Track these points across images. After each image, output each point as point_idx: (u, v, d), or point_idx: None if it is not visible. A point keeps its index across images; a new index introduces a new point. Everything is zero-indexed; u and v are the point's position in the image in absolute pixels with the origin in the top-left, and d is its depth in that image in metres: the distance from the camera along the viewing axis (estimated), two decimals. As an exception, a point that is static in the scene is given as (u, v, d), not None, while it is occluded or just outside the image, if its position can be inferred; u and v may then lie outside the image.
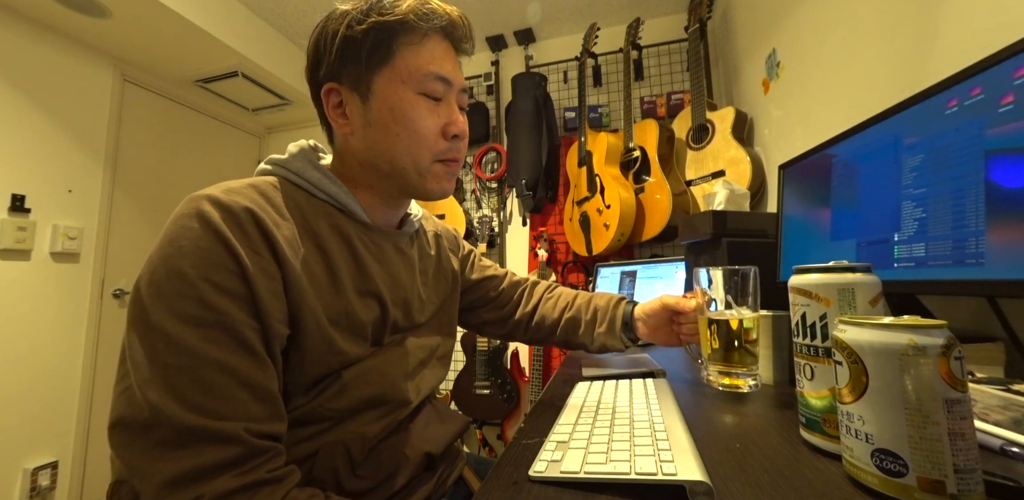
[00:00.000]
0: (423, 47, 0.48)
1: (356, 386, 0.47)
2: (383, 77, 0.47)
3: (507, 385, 1.78)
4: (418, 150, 0.48)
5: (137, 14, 1.51)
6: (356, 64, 0.47)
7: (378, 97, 0.47)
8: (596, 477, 0.31)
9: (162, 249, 0.39)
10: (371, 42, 0.46)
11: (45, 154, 1.55)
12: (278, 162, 0.50)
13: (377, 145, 0.49)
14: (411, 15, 0.46)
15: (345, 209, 0.51)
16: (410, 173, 0.49)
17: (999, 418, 0.35)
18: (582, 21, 1.95)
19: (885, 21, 0.78)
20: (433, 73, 0.48)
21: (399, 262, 0.56)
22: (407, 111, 0.47)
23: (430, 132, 0.48)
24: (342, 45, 0.47)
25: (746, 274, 0.51)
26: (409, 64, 0.47)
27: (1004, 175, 0.40)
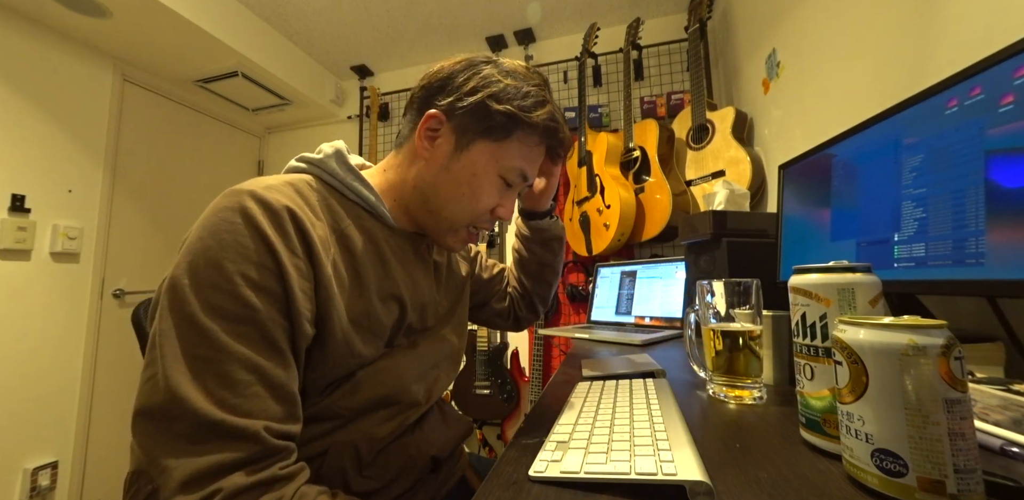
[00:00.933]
0: (530, 149, 0.53)
1: (368, 386, 0.48)
2: (486, 146, 0.51)
3: (507, 385, 1.78)
4: (465, 214, 0.53)
5: (137, 14, 1.51)
6: (474, 122, 0.50)
7: (470, 157, 0.51)
8: (596, 477, 0.31)
9: (203, 240, 0.39)
10: (499, 123, 0.50)
11: (45, 154, 1.55)
12: (313, 161, 0.52)
13: (441, 188, 0.52)
14: (540, 126, 0.51)
15: (374, 212, 0.53)
16: (443, 225, 0.54)
17: (999, 418, 0.35)
18: (582, 21, 1.95)
19: (885, 21, 0.78)
20: (521, 169, 0.53)
21: (419, 266, 0.58)
22: (483, 184, 0.52)
23: (485, 208, 0.54)
24: (475, 106, 0.50)
25: (748, 286, 0.52)
26: (510, 153, 0.52)
27: (1004, 175, 0.40)
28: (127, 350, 1.77)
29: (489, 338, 1.85)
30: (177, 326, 0.37)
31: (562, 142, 0.55)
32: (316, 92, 2.23)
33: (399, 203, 0.55)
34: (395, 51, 2.19)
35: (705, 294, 0.54)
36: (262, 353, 0.38)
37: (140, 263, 1.87)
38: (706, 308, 0.54)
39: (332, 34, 2.03)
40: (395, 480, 0.49)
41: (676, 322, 1.09)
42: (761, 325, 0.51)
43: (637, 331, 1.07)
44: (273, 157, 2.56)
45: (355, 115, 2.37)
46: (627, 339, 0.95)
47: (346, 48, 2.15)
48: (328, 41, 2.09)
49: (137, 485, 0.35)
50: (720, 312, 0.52)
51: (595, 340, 1.02)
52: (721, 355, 0.52)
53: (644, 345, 0.91)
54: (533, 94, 0.51)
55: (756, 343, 0.50)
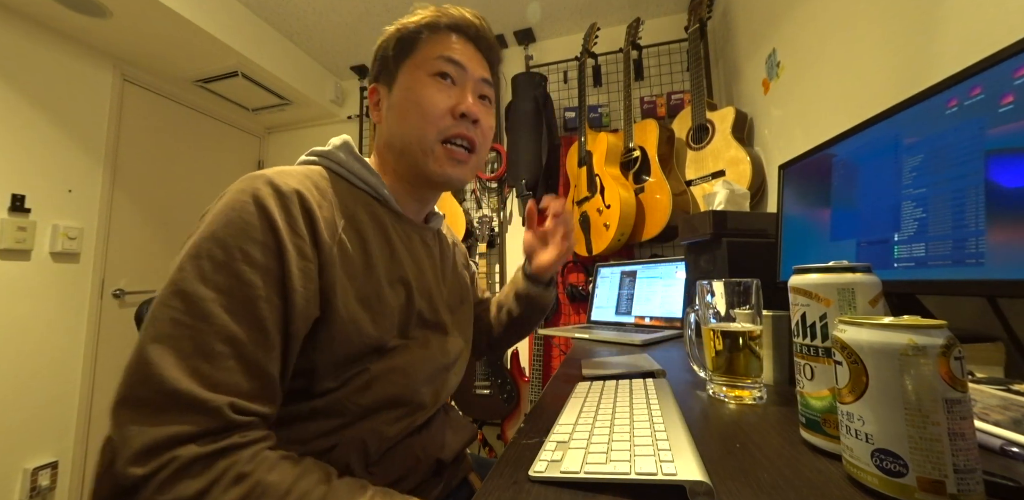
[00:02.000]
0: (439, 39, 0.54)
1: (381, 384, 0.48)
2: (406, 67, 0.54)
3: (507, 385, 1.78)
4: (423, 125, 0.52)
5: (137, 14, 1.51)
6: (387, 63, 0.55)
7: (399, 83, 0.54)
8: (596, 477, 0.31)
9: (212, 217, 0.41)
10: (397, 42, 0.54)
11: (45, 154, 1.55)
12: (322, 153, 0.54)
13: (393, 124, 0.54)
14: (428, 17, 0.54)
15: (380, 198, 0.55)
16: (415, 150, 0.53)
17: (999, 418, 0.35)
18: (582, 21, 1.95)
19: (885, 21, 0.78)
20: (445, 56, 0.53)
21: (424, 255, 0.59)
22: (417, 89, 0.53)
23: (436, 108, 0.52)
24: (379, 51, 0.56)
25: (748, 286, 0.52)
26: (425, 52, 0.54)
27: (1004, 175, 0.40)
28: (127, 350, 1.77)
29: (489, 338, 1.85)
30: (167, 292, 0.37)
31: (466, 21, 0.55)
32: (316, 92, 2.23)
33: (396, 178, 0.57)
34: (395, 51, 2.19)
35: (705, 294, 0.54)
36: (245, 329, 0.38)
37: (140, 263, 1.87)
38: (706, 308, 0.54)
39: (332, 34, 2.03)
40: (400, 480, 0.49)
41: (676, 322, 1.09)
42: (761, 325, 0.51)
43: (637, 331, 1.07)
44: (273, 157, 2.56)
45: (355, 115, 2.38)
46: (627, 339, 0.95)
47: (346, 48, 2.15)
48: (328, 41, 2.09)
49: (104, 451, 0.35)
50: (720, 312, 0.52)
51: (595, 340, 1.02)
52: (721, 355, 0.52)
53: (644, 345, 0.91)
54: (407, 16, 0.55)
55: (756, 343, 0.50)
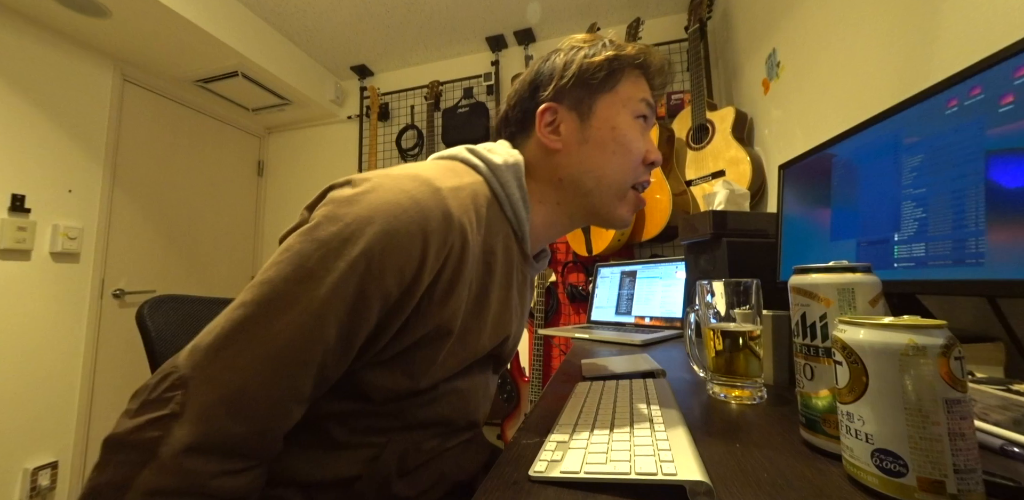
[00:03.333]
0: (639, 81, 0.53)
1: (443, 403, 0.47)
2: (604, 101, 0.51)
3: (507, 385, 1.78)
4: (626, 170, 0.51)
5: (137, 14, 1.51)
6: (583, 88, 0.51)
7: (599, 117, 0.51)
8: (596, 477, 0.31)
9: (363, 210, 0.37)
10: (604, 74, 0.51)
11: (45, 154, 1.55)
12: (491, 164, 0.49)
13: (589, 160, 0.51)
14: (641, 55, 0.52)
15: (520, 234, 0.51)
16: (610, 192, 0.51)
17: (999, 418, 0.35)
18: (582, 21, 1.95)
19: (885, 21, 0.78)
20: (647, 100, 0.53)
21: (527, 295, 0.58)
22: (626, 131, 0.51)
23: (639, 154, 0.52)
24: (576, 75, 0.51)
25: (748, 286, 0.52)
26: (629, 91, 0.52)
27: (1004, 175, 0.40)
28: (127, 350, 1.78)
29: (489, 338, 1.85)
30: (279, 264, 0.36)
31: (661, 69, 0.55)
32: (316, 92, 2.23)
33: (553, 208, 0.53)
34: (395, 51, 2.19)
35: (705, 294, 0.54)
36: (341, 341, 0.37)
37: (140, 263, 1.87)
38: (706, 308, 0.54)
39: (332, 34, 2.03)
40: (426, 492, 0.48)
41: (676, 322, 1.09)
42: (761, 325, 0.51)
43: (637, 331, 1.07)
44: (273, 157, 2.56)
45: (355, 115, 2.38)
46: (627, 339, 0.95)
47: (346, 48, 2.15)
48: (328, 41, 2.09)
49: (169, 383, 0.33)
50: (720, 312, 0.52)
51: (595, 340, 1.02)
52: (721, 355, 0.52)
53: (644, 345, 0.91)
54: (611, 40, 0.53)
55: (756, 343, 0.50)
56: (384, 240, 0.36)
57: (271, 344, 0.34)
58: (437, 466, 0.50)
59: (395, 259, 0.37)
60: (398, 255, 0.37)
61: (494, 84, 2.09)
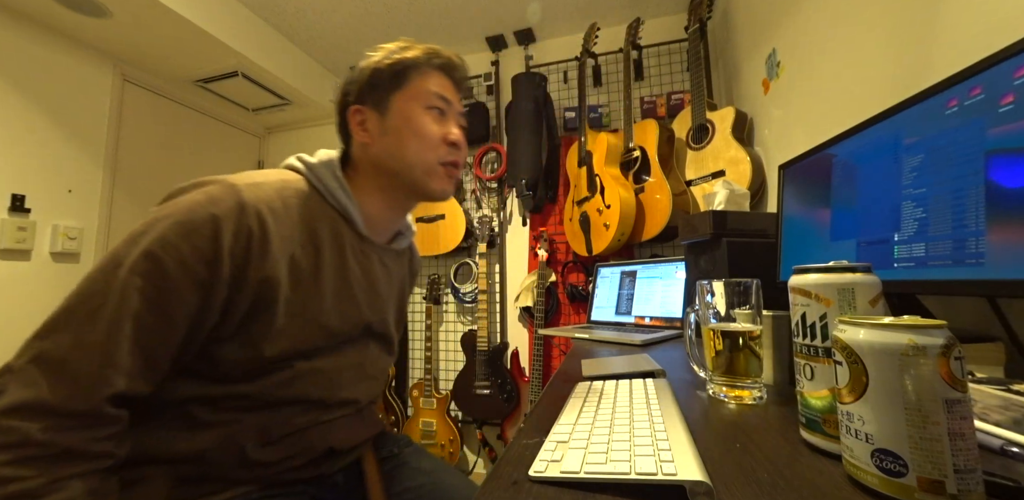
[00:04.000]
0: (429, 77, 0.62)
1: (302, 384, 0.54)
2: (399, 97, 0.60)
3: (507, 385, 1.78)
4: (424, 151, 0.60)
5: (137, 14, 1.51)
6: (379, 89, 0.61)
7: (394, 112, 0.60)
8: (596, 477, 0.31)
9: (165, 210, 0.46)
10: (391, 72, 0.60)
11: (45, 154, 1.55)
12: (308, 164, 0.60)
13: (391, 148, 0.60)
14: (422, 56, 0.62)
15: (348, 218, 0.59)
16: (417, 171, 0.60)
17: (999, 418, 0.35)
18: (582, 21, 1.95)
19: (885, 21, 0.78)
20: (436, 93, 0.61)
21: (381, 275, 0.65)
22: (417, 119, 0.60)
23: (434, 137, 0.60)
24: (371, 75, 0.61)
25: (748, 286, 0.52)
26: (419, 87, 0.61)
27: (1004, 175, 0.40)
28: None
29: (489, 338, 1.85)
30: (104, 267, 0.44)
31: (451, 63, 0.64)
32: (316, 92, 2.23)
33: (378, 195, 0.62)
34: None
35: (705, 294, 0.54)
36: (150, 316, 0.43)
37: (140, 263, 1.87)
38: (706, 308, 0.54)
39: (332, 34, 2.03)
40: (288, 458, 0.54)
41: (676, 322, 1.09)
42: (761, 325, 0.51)
43: (637, 331, 1.07)
44: (273, 157, 2.56)
45: (355, 115, 2.37)
46: (627, 339, 0.95)
47: (346, 48, 2.15)
48: (328, 41, 2.09)
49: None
50: (720, 312, 0.52)
51: (595, 340, 1.02)
52: (721, 355, 0.52)
53: (644, 345, 0.91)
54: (401, 45, 0.62)
55: (756, 343, 0.50)
56: (176, 228, 0.45)
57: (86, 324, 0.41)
58: (307, 437, 0.56)
59: (190, 242, 0.45)
60: (192, 238, 0.45)
61: (494, 84, 2.09)
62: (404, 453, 0.74)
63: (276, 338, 0.51)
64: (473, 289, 1.94)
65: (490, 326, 1.96)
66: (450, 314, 2.09)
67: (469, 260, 2.01)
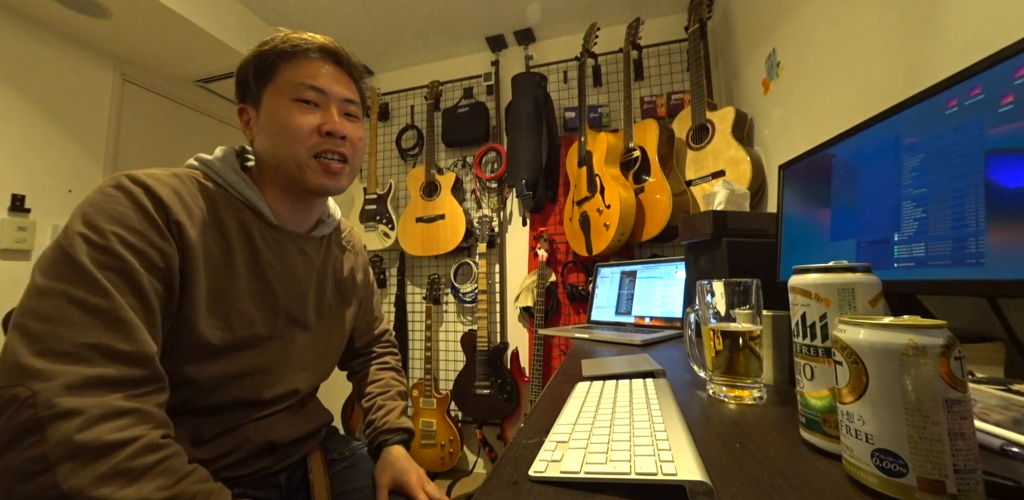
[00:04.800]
0: (299, 66, 0.58)
1: (228, 389, 0.54)
2: (268, 93, 0.58)
3: (507, 385, 1.78)
4: (292, 144, 0.57)
5: (137, 14, 1.51)
6: (250, 87, 0.60)
7: (264, 107, 0.59)
8: (596, 477, 0.31)
9: (81, 209, 0.45)
10: (255, 68, 0.59)
11: (45, 154, 1.55)
12: (204, 161, 0.59)
13: (264, 144, 0.59)
14: (283, 44, 0.58)
15: (255, 209, 0.59)
16: (290, 165, 0.58)
17: (999, 418, 0.35)
18: (582, 21, 1.95)
19: (885, 21, 0.78)
20: (305, 84, 0.58)
21: (299, 262, 0.64)
22: (281, 113, 0.57)
23: (301, 129, 0.57)
24: (240, 75, 0.61)
25: (748, 286, 0.52)
26: (286, 79, 0.58)
27: (1004, 175, 0.40)
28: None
29: (489, 338, 1.85)
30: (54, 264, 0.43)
31: (322, 47, 0.60)
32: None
33: (275, 188, 0.61)
34: (395, 51, 2.19)
35: (705, 294, 0.54)
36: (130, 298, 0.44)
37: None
38: (706, 308, 0.54)
39: (332, 34, 2.02)
40: (227, 454, 0.54)
41: (676, 322, 1.09)
42: (761, 325, 0.51)
43: (637, 331, 1.07)
44: (273, 157, 2.56)
45: (355, 115, 2.37)
46: (627, 339, 0.95)
47: (346, 48, 2.14)
48: (328, 41, 2.09)
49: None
50: (720, 312, 0.52)
51: (595, 340, 1.02)
52: (721, 355, 0.52)
53: (644, 345, 0.91)
54: (264, 40, 0.59)
55: (756, 343, 0.50)
56: (95, 208, 0.45)
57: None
58: (243, 433, 0.56)
59: (114, 216, 0.45)
60: (115, 212, 0.46)
61: (494, 84, 2.09)
62: (356, 455, 0.73)
63: (197, 326, 0.50)
64: (473, 289, 1.95)
65: (490, 326, 1.96)
66: (450, 314, 2.09)
67: (469, 260, 2.01)
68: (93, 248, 0.43)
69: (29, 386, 0.37)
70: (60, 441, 0.36)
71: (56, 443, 0.36)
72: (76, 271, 0.42)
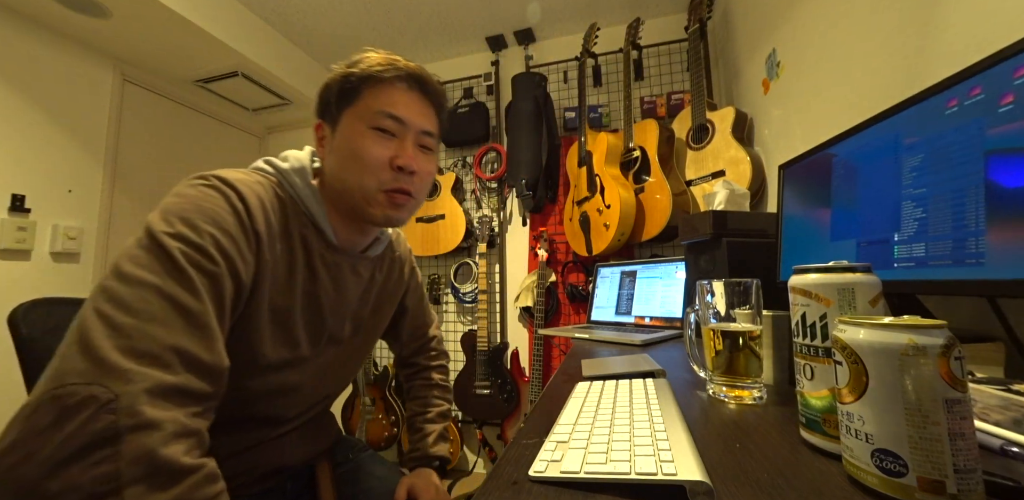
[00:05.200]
0: (383, 92, 0.57)
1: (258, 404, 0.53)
2: (347, 115, 0.57)
3: (507, 385, 1.78)
4: (363, 175, 0.55)
5: (137, 14, 1.51)
6: (330, 105, 0.58)
7: (341, 130, 0.57)
8: (596, 477, 0.31)
9: (175, 203, 0.44)
10: (340, 88, 0.57)
11: (45, 154, 1.55)
12: (279, 169, 0.57)
13: (334, 168, 0.57)
14: (375, 68, 0.56)
15: (318, 227, 0.57)
16: (356, 195, 0.56)
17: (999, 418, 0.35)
18: (582, 21, 1.95)
19: (885, 21, 0.78)
20: (385, 112, 0.56)
21: (351, 284, 0.63)
22: (356, 140, 0.55)
23: (375, 160, 0.55)
24: (323, 92, 0.58)
25: (748, 286, 0.51)
26: (368, 105, 0.56)
27: (1004, 175, 0.40)
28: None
29: (489, 338, 1.85)
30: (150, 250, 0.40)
31: (411, 74, 0.58)
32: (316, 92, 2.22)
33: (336, 210, 0.59)
34: (395, 51, 2.14)
35: (705, 294, 0.54)
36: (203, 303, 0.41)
37: (140, 263, 1.87)
38: (706, 308, 0.54)
39: (332, 34, 2.03)
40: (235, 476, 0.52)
41: (676, 322, 1.09)
42: (761, 325, 0.51)
43: (637, 331, 1.07)
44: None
45: (355, 115, 2.37)
46: (627, 339, 0.95)
47: (346, 48, 2.14)
48: (328, 41, 2.09)
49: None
50: (720, 312, 0.52)
51: (595, 340, 1.02)
52: (721, 355, 0.52)
53: (644, 345, 0.91)
54: (356, 58, 0.58)
55: (756, 343, 0.50)
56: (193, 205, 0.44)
57: None
58: (255, 456, 0.55)
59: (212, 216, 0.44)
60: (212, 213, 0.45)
61: (494, 84, 2.09)
62: (359, 458, 0.74)
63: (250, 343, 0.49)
64: (473, 289, 1.94)
65: (490, 326, 1.96)
66: (450, 314, 2.09)
67: (469, 260, 2.01)
68: (188, 245, 0.41)
69: (110, 387, 0.32)
70: (136, 458, 0.32)
71: (132, 460, 0.31)
72: (171, 265, 0.39)
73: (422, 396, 0.80)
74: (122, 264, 0.39)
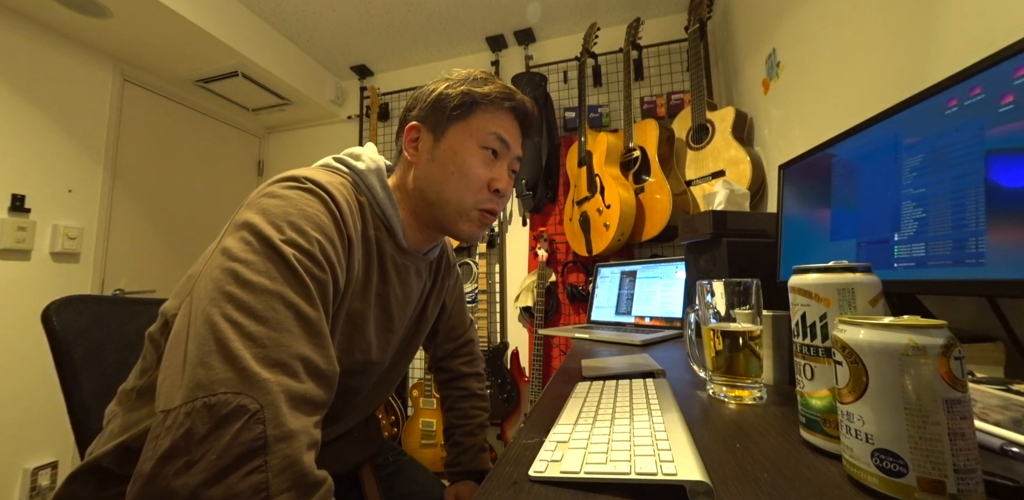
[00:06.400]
0: (495, 116, 0.58)
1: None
2: (457, 128, 0.57)
3: (507, 385, 1.78)
4: (463, 191, 0.56)
5: (137, 14, 1.51)
6: (440, 114, 0.57)
7: (448, 141, 0.57)
8: (596, 477, 0.31)
9: (276, 206, 0.43)
10: (459, 102, 0.57)
11: (45, 154, 1.55)
12: (356, 170, 0.56)
13: (432, 177, 0.57)
14: (494, 94, 0.57)
15: (391, 229, 0.57)
16: (450, 209, 0.57)
17: (999, 418, 0.35)
18: (582, 21, 1.95)
19: (886, 21, 0.78)
20: (496, 133, 0.57)
21: (415, 287, 0.63)
22: (465, 156, 0.56)
23: (479, 179, 0.56)
24: (436, 99, 0.58)
25: (748, 286, 0.51)
26: (483, 123, 0.57)
27: (1004, 175, 0.40)
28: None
29: (489, 338, 1.85)
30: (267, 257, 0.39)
31: (523, 108, 0.60)
32: (316, 92, 2.23)
33: (412, 215, 0.59)
34: (395, 51, 2.19)
35: (705, 294, 0.54)
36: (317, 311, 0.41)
37: (140, 263, 1.87)
38: (706, 308, 0.54)
39: (332, 34, 2.03)
40: None
41: (676, 322, 1.09)
42: (761, 325, 0.51)
43: (637, 331, 1.07)
44: (273, 157, 2.56)
45: (355, 115, 2.38)
46: (627, 339, 0.95)
47: (346, 48, 2.15)
48: (328, 41, 2.09)
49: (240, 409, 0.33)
50: (720, 312, 0.52)
51: (595, 340, 1.02)
52: (721, 355, 0.52)
53: (644, 345, 0.91)
54: (478, 77, 0.59)
55: (756, 343, 0.50)
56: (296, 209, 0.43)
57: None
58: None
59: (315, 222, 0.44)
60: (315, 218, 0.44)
61: (494, 84, 2.09)
62: (401, 461, 0.74)
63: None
64: (473, 289, 1.95)
65: (490, 326, 1.96)
66: (450, 314, 2.09)
67: (469, 260, 2.01)
68: (300, 251, 0.40)
69: (255, 397, 0.33)
70: (283, 469, 0.32)
71: (279, 470, 0.32)
72: (290, 273, 0.39)
73: (459, 407, 0.80)
74: (240, 270, 0.38)
